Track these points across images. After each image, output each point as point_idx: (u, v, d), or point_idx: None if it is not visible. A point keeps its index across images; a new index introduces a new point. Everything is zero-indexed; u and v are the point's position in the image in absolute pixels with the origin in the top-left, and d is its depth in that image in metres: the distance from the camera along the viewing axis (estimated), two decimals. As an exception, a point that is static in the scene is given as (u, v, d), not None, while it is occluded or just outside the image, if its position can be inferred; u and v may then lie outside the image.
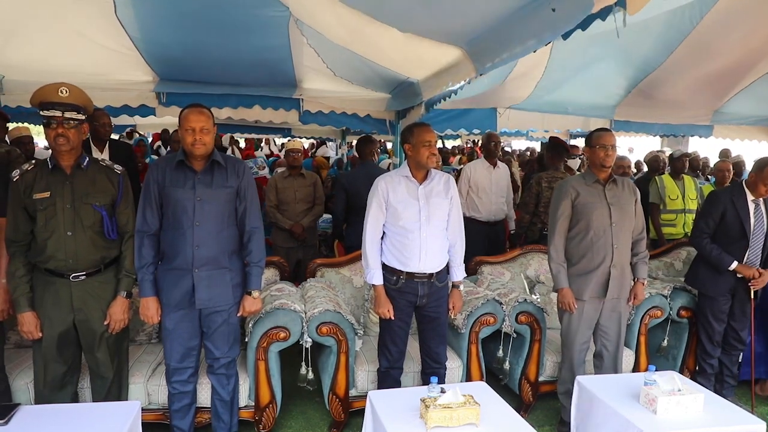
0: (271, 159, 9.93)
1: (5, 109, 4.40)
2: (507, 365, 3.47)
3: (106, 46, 3.84)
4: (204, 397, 2.97)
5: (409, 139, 2.87)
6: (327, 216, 5.55)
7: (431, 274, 2.88)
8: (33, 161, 2.60)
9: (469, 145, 14.37)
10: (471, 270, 3.97)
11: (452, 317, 3.14)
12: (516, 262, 4.19)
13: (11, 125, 4.95)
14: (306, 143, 11.19)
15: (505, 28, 2.52)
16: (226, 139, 9.72)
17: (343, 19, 3.03)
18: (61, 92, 2.44)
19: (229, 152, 8.86)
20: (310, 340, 3.04)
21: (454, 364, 3.28)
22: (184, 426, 2.85)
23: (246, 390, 3.04)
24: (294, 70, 4.36)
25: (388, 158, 7.82)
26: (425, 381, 3.00)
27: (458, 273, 2.99)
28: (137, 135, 9.98)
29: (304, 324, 3.02)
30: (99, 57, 4.02)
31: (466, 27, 2.70)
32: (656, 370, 2.56)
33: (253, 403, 3.05)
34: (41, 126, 2.58)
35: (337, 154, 10.72)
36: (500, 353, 3.45)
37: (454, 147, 13.69)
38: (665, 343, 3.80)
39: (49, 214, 2.49)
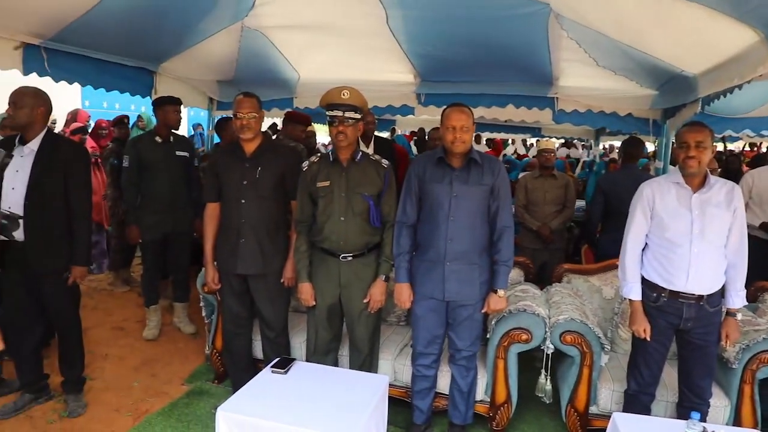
0: (525, 160, 9.81)
1: (297, 110, 5.20)
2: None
3: (377, 52, 4.26)
4: (443, 384, 3.10)
5: (676, 139, 2.58)
6: (580, 203, 5.29)
7: (701, 296, 2.53)
8: (318, 154, 3.02)
9: (747, 150, 12.14)
10: (750, 296, 3.37)
11: (723, 348, 2.73)
12: (815, 292, 3.44)
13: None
14: (557, 143, 10.82)
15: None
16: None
17: (613, 7, 2.84)
18: (343, 95, 2.78)
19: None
20: (552, 346, 2.95)
21: (719, 403, 2.85)
22: (423, 407, 3.02)
23: (483, 385, 3.08)
24: (551, 66, 4.26)
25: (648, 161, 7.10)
26: (681, 415, 2.69)
27: (736, 299, 2.58)
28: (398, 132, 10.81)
29: (547, 329, 2.95)
30: (371, 64, 4.49)
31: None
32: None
33: (489, 400, 3.09)
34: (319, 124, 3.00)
35: (588, 156, 10.16)
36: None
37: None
38: None
39: (327, 200, 2.87)
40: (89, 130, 5.68)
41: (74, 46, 3.67)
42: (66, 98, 8.54)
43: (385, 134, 9.41)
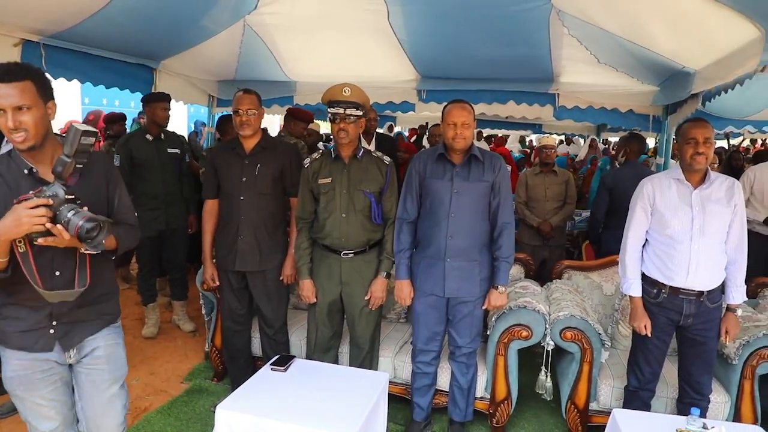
0: (518, 155, 9.86)
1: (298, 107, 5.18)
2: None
3: (377, 49, 4.26)
4: (443, 381, 3.10)
5: (677, 137, 2.59)
6: (586, 214, 5.34)
7: (701, 292, 2.53)
8: (320, 151, 3.02)
9: (743, 145, 12.02)
10: (750, 292, 3.37)
11: (723, 344, 2.72)
12: (816, 289, 3.44)
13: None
14: (557, 139, 10.80)
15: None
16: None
17: (614, 1, 2.83)
18: (345, 92, 2.77)
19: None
20: (552, 343, 2.95)
21: (719, 399, 2.86)
22: (423, 404, 3.02)
23: (483, 382, 3.08)
24: (552, 63, 4.25)
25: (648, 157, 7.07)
26: (681, 411, 2.69)
27: (736, 295, 2.58)
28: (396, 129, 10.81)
29: (547, 326, 2.94)
30: (371, 61, 4.48)
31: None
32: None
33: (489, 396, 3.08)
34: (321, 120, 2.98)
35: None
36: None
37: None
38: None
39: (329, 197, 2.86)
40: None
41: (73, 43, 3.65)
42: (65, 95, 8.52)
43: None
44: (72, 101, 9.10)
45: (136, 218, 2.02)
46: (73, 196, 1.65)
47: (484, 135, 11.23)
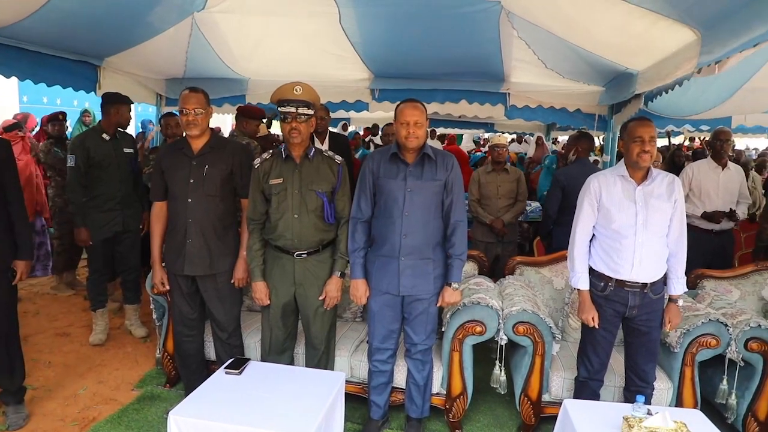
0: (478, 155, 10.03)
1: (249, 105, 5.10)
2: (733, 399, 3.02)
3: (330, 51, 4.25)
4: (400, 379, 3.12)
5: (623, 135, 2.67)
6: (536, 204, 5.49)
7: (645, 284, 2.63)
8: (271, 151, 2.97)
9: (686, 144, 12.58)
10: (690, 283, 3.55)
11: (666, 333, 2.84)
12: (749, 279, 3.64)
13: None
14: (508, 138, 11.02)
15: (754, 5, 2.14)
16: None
17: (561, 5, 2.91)
18: (296, 90, 2.74)
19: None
20: (505, 337, 3.01)
21: (662, 386, 2.98)
22: (380, 402, 3.03)
23: (439, 378, 3.11)
24: (502, 64, 4.34)
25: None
26: (628, 398, 2.80)
27: (677, 286, 2.69)
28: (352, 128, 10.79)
29: (500, 321, 3.00)
30: (324, 60, 4.46)
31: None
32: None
33: (445, 392, 3.12)
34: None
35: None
36: (723, 385, 3.03)
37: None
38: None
39: (281, 198, 2.83)
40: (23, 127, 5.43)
41: (11, 39, 3.48)
42: (1, 93, 8.11)
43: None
44: (9, 99, 8.67)
45: None
46: None
47: (437, 134, 11.33)
